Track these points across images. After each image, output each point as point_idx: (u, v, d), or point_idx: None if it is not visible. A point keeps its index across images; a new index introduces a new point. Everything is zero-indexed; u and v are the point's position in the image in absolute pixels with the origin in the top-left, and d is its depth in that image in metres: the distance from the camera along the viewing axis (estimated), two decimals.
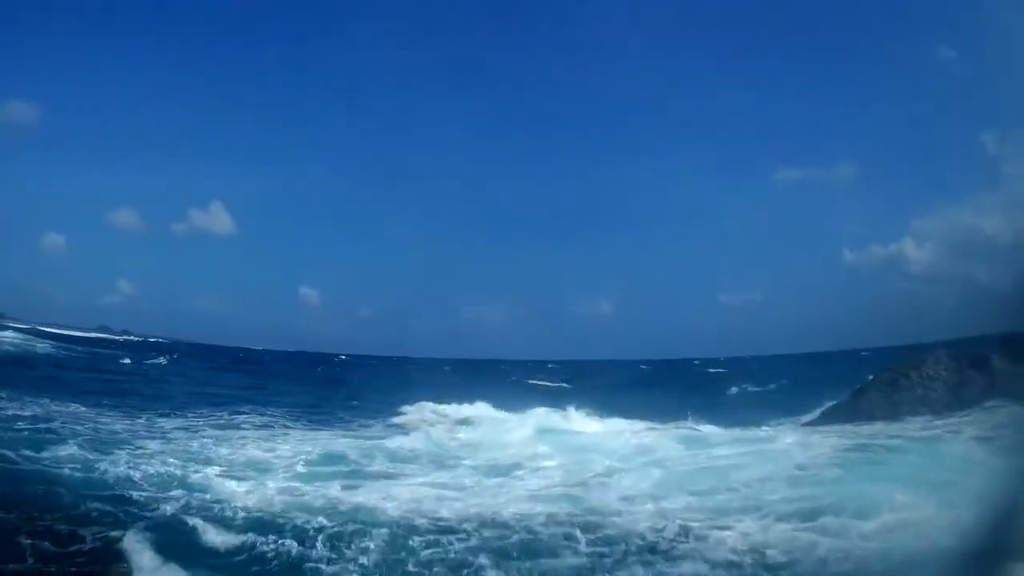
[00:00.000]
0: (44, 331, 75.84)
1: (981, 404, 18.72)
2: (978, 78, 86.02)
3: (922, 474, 13.42)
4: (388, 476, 16.16)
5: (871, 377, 23.88)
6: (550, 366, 74.05)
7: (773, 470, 15.26)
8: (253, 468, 16.17)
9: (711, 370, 55.02)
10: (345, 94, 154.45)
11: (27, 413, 20.03)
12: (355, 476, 15.92)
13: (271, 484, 14.60)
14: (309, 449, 18.52)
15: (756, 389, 36.29)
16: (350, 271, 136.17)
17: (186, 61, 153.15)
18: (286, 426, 24.04)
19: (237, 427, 22.90)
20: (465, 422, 26.62)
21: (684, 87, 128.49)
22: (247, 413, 26.21)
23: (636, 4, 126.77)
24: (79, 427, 19.02)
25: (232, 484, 14.26)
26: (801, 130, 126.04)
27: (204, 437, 19.94)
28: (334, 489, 14.44)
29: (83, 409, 22.87)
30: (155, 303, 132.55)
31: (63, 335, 77.01)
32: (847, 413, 21.84)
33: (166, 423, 22.23)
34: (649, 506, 13.32)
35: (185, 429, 21.30)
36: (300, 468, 16.26)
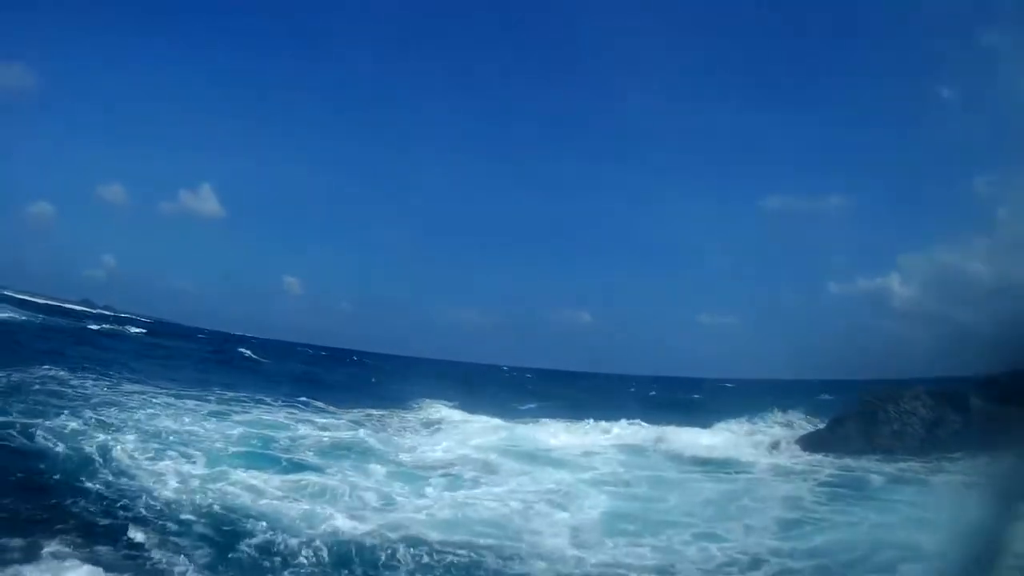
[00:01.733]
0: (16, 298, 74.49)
1: (959, 444, 18.93)
2: (974, 120, 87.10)
3: (921, 515, 12.96)
4: (297, 466, 15.66)
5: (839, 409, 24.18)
6: (528, 375, 74.02)
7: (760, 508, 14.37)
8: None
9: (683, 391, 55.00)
10: (343, 90, 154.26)
11: None
12: (263, 460, 15.67)
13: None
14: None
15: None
16: (334, 265, 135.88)
17: (191, 45, 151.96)
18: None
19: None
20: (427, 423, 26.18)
21: (678, 110, 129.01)
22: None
23: (630, 26, 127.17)
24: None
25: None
26: (792, 159, 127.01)
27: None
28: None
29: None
30: (138, 280, 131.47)
31: (38, 304, 75.81)
32: (824, 441, 21.98)
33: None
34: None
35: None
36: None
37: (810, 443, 22.62)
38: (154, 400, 21.60)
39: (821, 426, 23.49)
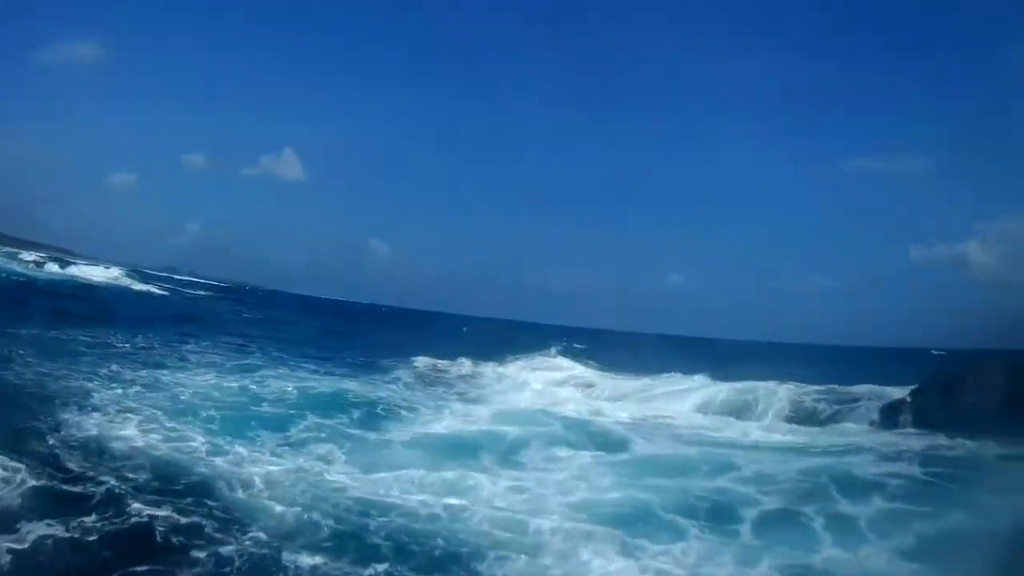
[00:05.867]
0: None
1: None
2: None
3: None
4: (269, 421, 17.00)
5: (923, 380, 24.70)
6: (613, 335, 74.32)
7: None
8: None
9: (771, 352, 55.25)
10: (427, 55, 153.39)
11: None
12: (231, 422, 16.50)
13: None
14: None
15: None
16: (419, 229, 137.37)
17: (267, 10, 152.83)
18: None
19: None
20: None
21: (762, 72, 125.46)
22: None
23: None
24: None
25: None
26: (877, 120, 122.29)
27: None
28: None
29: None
30: (220, 247, 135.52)
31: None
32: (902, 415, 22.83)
33: None
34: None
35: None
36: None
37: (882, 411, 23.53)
38: None
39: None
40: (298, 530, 10.84)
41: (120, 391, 18.07)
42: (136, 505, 10.46)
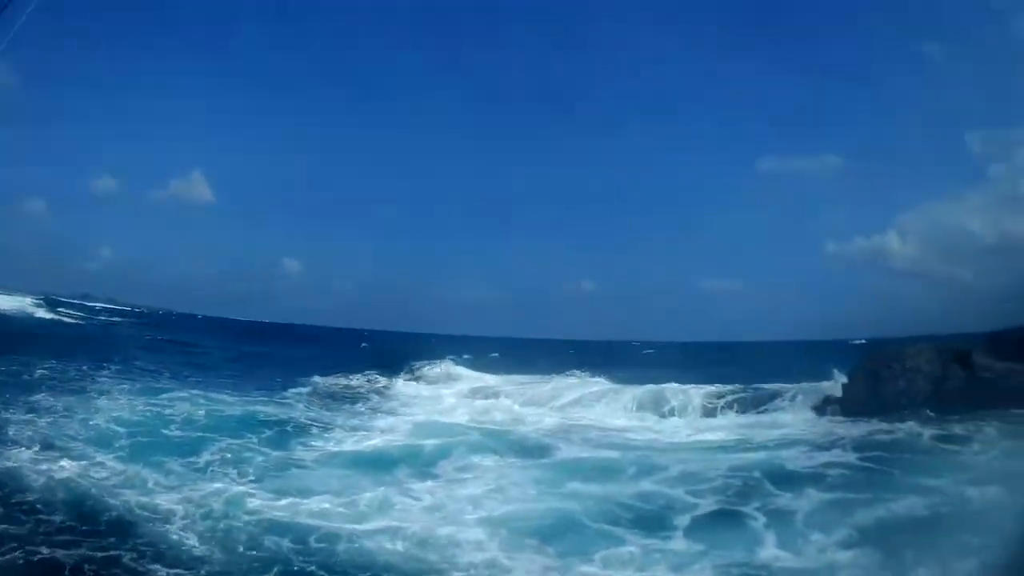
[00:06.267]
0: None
1: (964, 401, 19.28)
2: (968, 78, 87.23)
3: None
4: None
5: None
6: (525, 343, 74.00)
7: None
8: None
9: (692, 352, 55.30)
10: (332, 71, 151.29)
11: None
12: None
13: None
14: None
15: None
16: (331, 246, 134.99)
17: (172, 30, 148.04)
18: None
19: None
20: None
21: (669, 73, 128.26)
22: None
23: None
24: None
25: None
26: (786, 120, 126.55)
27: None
28: None
29: None
30: (137, 271, 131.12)
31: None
32: (831, 404, 22.31)
33: None
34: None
35: None
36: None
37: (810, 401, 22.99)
38: None
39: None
40: (212, 560, 10.08)
41: (33, 421, 17.29)
42: (47, 544, 9.84)
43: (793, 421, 20.99)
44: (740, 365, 36.95)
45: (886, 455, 15.35)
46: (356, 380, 30.62)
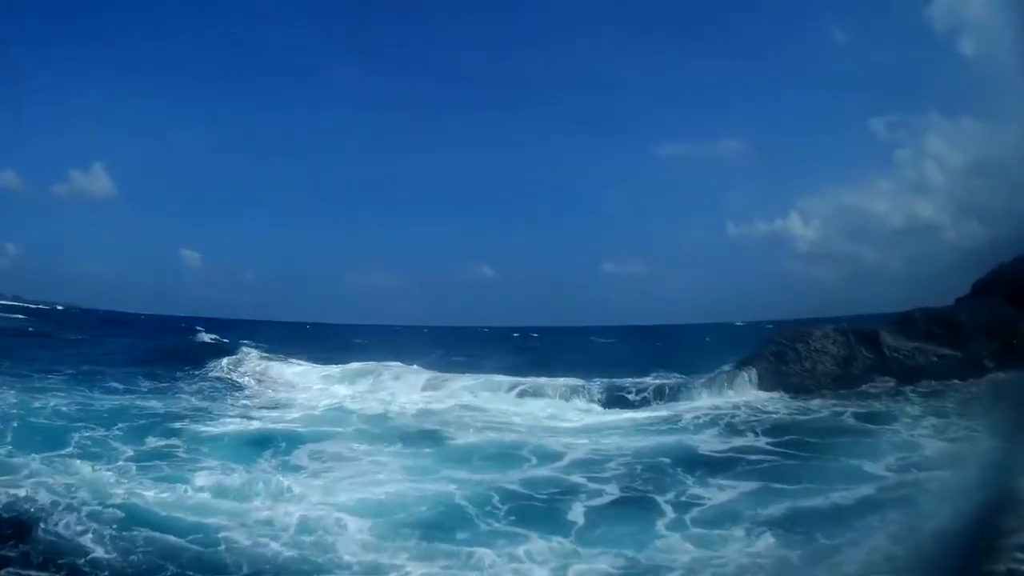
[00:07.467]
0: None
1: (872, 379, 18.78)
2: (873, 64, 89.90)
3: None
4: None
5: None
6: (425, 331, 72.38)
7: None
8: None
9: (594, 338, 54.58)
10: (231, 59, 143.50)
11: None
12: None
13: None
14: None
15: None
16: (233, 236, 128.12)
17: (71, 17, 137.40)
18: None
19: None
20: None
21: (570, 58, 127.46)
22: None
23: None
24: None
25: None
26: (688, 106, 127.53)
27: None
28: None
29: None
30: (43, 267, 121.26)
31: None
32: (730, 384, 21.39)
33: None
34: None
35: None
36: None
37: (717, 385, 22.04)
38: None
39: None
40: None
41: None
42: None
43: (702, 406, 19.73)
44: (646, 351, 36.16)
45: (800, 438, 14.37)
46: (240, 370, 27.80)
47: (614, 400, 21.43)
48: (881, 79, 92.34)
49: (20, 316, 67.31)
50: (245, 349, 31.69)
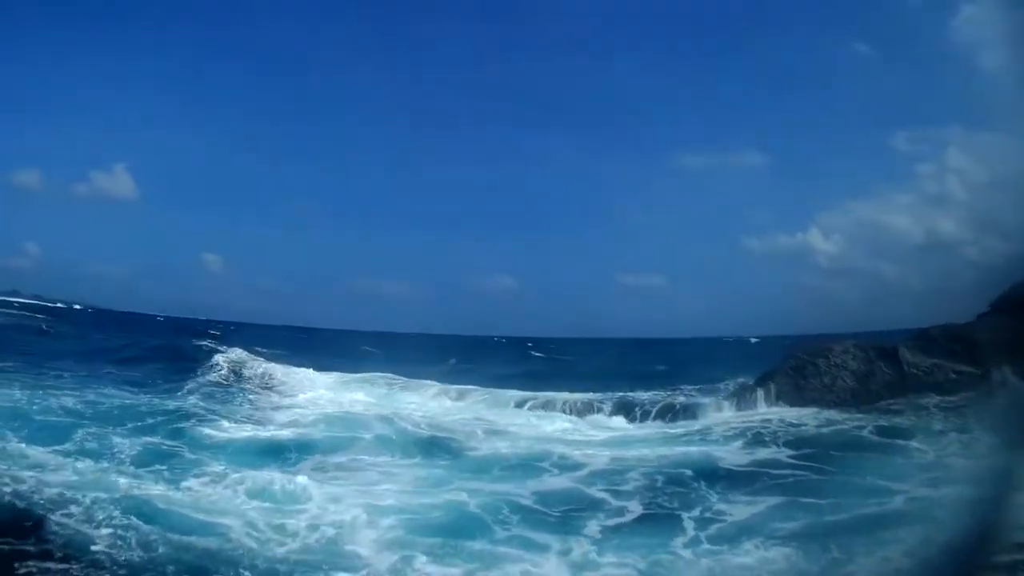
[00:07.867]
0: None
1: (891, 395, 18.82)
2: (894, 78, 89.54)
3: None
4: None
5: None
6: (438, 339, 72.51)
7: None
8: None
9: (610, 350, 54.52)
10: (258, 64, 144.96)
11: None
12: None
13: None
14: None
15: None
16: (254, 241, 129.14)
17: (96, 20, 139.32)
18: None
19: None
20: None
21: (589, 70, 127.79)
22: None
23: None
24: None
25: None
26: (707, 117, 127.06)
27: None
28: None
29: None
30: (64, 267, 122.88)
31: None
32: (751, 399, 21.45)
33: None
34: None
35: None
36: None
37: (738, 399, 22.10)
38: None
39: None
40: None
41: None
42: None
43: (723, 420, 19.79)
44: (662, 364, 36.20)
45: (820, 451, 14.41)
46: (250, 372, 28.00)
47: (631, 414, 21.54)
48: (903, 93, 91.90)
49: (40, 316, 67.64)
50: (258, 353, 31.73)
